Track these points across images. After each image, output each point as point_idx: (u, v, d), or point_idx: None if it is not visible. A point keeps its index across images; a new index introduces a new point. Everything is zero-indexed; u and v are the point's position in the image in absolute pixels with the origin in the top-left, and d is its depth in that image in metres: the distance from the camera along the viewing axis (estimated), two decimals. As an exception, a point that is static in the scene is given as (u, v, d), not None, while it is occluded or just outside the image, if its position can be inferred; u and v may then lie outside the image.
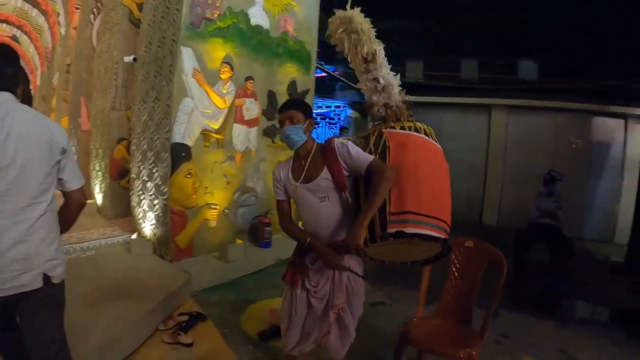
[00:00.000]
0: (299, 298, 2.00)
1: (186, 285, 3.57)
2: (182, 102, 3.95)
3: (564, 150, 8.12)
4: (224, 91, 4.39)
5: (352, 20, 2.08)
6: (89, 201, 5.97)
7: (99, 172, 5.84)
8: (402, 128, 2.01)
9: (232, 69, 4.43)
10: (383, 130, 2.01)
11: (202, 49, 4.09)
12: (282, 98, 5.07)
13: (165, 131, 3.98)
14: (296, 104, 2.01)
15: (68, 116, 7.44)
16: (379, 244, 1.80)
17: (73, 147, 6.89)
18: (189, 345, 2.73)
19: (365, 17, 2.13)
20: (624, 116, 7.80)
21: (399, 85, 2.19)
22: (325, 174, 1.86)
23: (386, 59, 2.20)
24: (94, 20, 6.42)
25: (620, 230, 7.53)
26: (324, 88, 11.07)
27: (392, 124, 2.06)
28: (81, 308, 2.81)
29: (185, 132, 4.01)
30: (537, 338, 3.24)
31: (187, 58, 3.94)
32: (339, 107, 11.28)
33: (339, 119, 11.30)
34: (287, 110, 1.93)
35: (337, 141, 1.88)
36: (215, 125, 4.30)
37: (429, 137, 2.04)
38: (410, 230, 1.73)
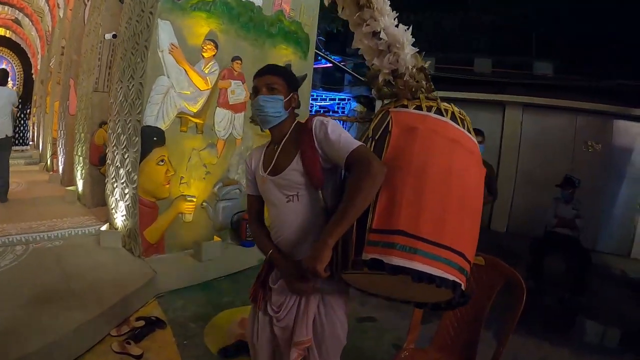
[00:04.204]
0: (261, 322, 1.54)
1: (150, 285, 3.20)
2: (156, 81, 3.57)
3: (582, 153, 7.57)
4: (206, 71, 3.99)
5: None
6: (70, 188, 5.69)
7: (81, 158, 5.53)
8: (419, 108, 1.40)
9: (216, 46, 4.03)
10: (390, 109, 1.44)
11: (182, 24, 3.70)
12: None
13: (137, 112, 3.61)
14: (278, 70, 1.49)
15: (59, 99, 7.17)
16: (352, 272, 1.29)
17: (61, 132, 6.66)
18: (138, 357, 2.36)
19: None
20: (648, 120, 7.22)
21: (413, 45, 1.50)
22: (296, 163, 1.37)
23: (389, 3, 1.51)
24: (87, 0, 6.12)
25: (639, 244, 6.97)
26: (330, 80, 10.64)
27: (405, 102, 1.45)
28: (26, 306, 2.54)
29: (158, 113, 3.63)
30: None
31: (163, 32, 3.56)
32: (343, 99, 10.84)
33: (343, 112, 10.87)
34: (266, 75, 1.44)
35: (317, 119, 1.37)
36: (194, 108, 3.91)
37: (460, 125, 1.41)
38: (394, 261, 1.18)
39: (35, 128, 10.29)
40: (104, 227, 4.07)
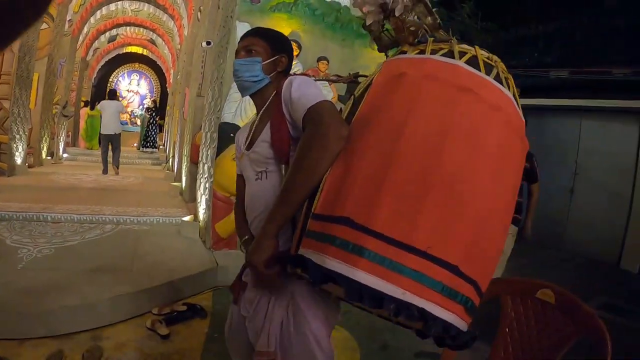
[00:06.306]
0: (235, 320, 1.30)
1: (208, 276, 3.30)
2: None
3: None
4: (288, 71, 4.04)
5: None
6: (176, 184, 6.32)
7: (185, 157, 6.08)
8: (422, 53, 1.02)
9: (299, 47, 4.08)
10: (388, 59, 1.10)
11: (262, 25, 3.79)
12: (365, 85, 4.52)
13: (217, 110, 3.82)
14: (259, 31, 1.30)
15: (179, 107, 8.09)
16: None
17: (178, 135, 7.48)
18: (164, 337, 2.45)
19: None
20: None
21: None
22: (265, 134, 1.15)
23: None
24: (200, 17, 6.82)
25: None
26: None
27: (406, 48, 1.08)
28: (86, 271, 2.88)
29: (236, 111, 3.78)
30: None
31: (241, 33, 3.70)
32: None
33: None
34: (246, 37, 1.27)
35: (287, 79, 1.14)
36: (272, 107, 3.99)
37: (485, 73, 0.96)
38: (328, 263, 0.83)
39: (165, 134, 11.83)
40: (186, 218, 4.37)
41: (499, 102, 0.93)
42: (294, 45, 4.03)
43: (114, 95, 8.12)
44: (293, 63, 3.88)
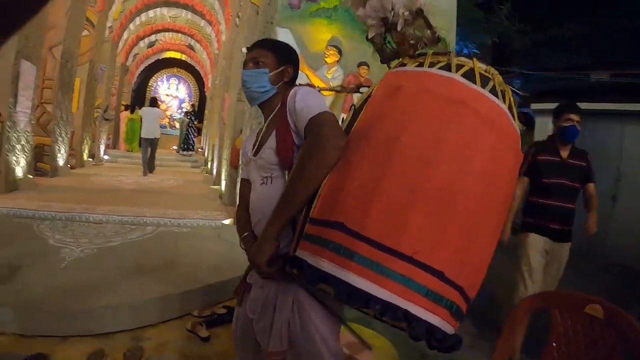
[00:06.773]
0: (241, 322, 1.32)
1: (248, 279, 3.30)
2: (275, 85, 3.77)
3: None
4: (329, 76, 4.03)
5: None
6: (215, 187, 6.43)
7: (225, 161, 6.19)
8: (421, 65, 1.05)
9: (339, 52, 4.05)
10: (388, 71, 1.14)
11: (302, 30, 3.83)
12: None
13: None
14: (266, 43, 1.35)
15: (218, 112, 8.26)
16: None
17: (217, 139, 7.64)
18: (204, 339, 2.46)
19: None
20: None
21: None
22: (272, 141, 1.20)
23: None
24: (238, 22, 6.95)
25: None
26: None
27: (406, 61, 1.12)
28: (126, 272, 2.92)
29: (276, 117, 3.80)
30: None
31: (282, 39, 3.72)
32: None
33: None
34: (253, 49, 1.31)
35: (293, 89, 1.19)
36: (314, 113, 3.99)
37: (479, 85, 0.99)
38: (323, 266, 0.88)
39: (203, 137, 12.12)
40: (226, 222, 4.42)
41: (492, 115, 0.97)
42: (334, 51, 4.01)
43: (155, 102, 8.76)
44: (334, 69, 3.86)
